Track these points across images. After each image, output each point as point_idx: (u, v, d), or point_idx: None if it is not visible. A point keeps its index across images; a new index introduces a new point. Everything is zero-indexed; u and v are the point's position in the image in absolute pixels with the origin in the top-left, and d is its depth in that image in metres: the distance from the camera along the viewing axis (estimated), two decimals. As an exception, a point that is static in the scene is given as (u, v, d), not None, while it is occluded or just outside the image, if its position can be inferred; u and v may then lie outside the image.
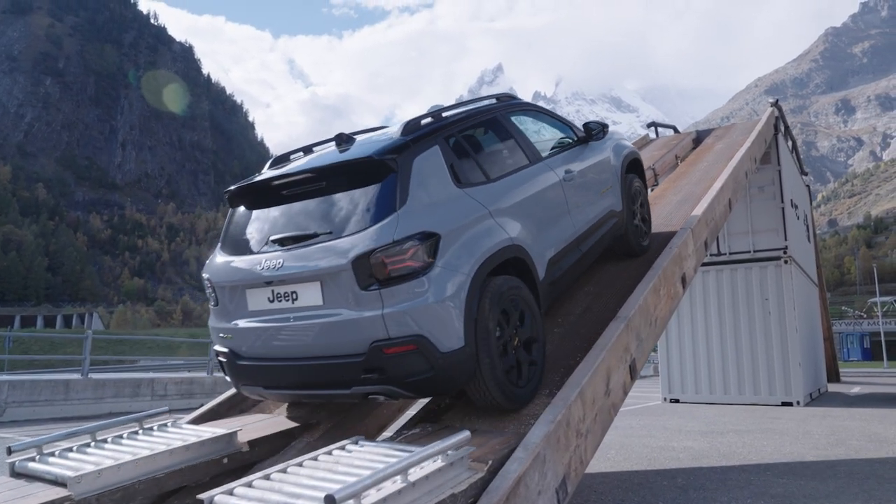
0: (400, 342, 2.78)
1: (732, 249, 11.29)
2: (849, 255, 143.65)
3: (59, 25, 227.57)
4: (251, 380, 3.28)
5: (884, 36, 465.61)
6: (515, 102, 4.25)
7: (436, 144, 3.24)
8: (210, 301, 3.39)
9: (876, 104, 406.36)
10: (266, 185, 3.28)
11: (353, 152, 3.20)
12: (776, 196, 10.99)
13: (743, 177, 7.36)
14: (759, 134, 8.91)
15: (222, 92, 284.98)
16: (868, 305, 67.49)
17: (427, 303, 2.80)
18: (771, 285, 10.75)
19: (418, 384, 2.87)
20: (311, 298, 2.96)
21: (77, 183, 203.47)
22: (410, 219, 2.89)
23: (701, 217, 5.30)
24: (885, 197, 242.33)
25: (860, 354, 48.56)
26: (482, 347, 2.93)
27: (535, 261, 3.43)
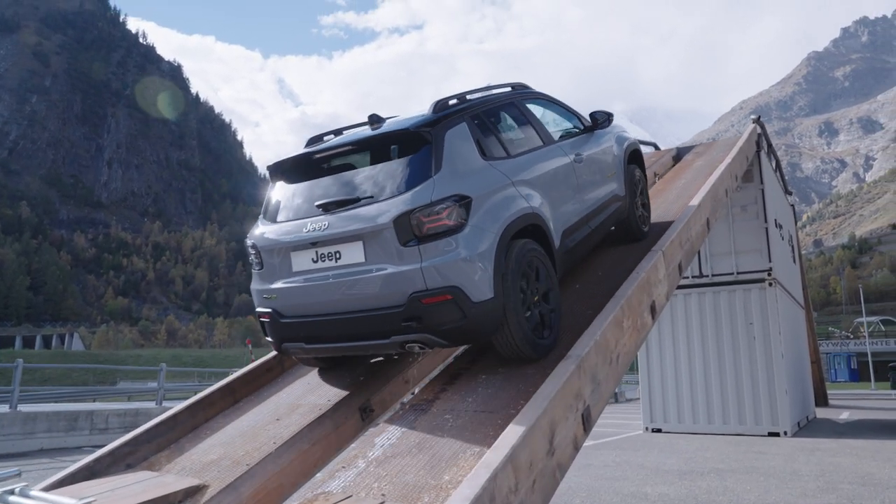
0: (436, 292, 3.09)
1: (715, 271, 10.78)
2: (834, 275, 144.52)
3: (47, 43, 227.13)
4: (293, 336, 3.55)
5: (864, 60, 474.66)
6: (529, 91, 4.64)
7: (463, 122, 3.58)
8: (254, 266, 3.69)
9: (858, 126, 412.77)
10: (308, 158, 3.64)
11: (389, 127, 3.54)
12: (759, 215, 10.52)
13: (723, 195, 6.86)
14: (741, 150, 8.45)
15: (211, 111, 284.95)
16: (854, 325, 67.47)
17: (461, 257, 3.12)
18: (755, 309, 10.25)
19: (452, 332, 3.16)
20: (353, 256, 3.27)
21: (62, 201, 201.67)
22: (445, 183, 3.22)
23: (675, 238, 4.76)
24: (869, 218, 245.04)
25: (848, 375, 48.15)
26: (509, 299, 3.24)
27: (551, 230, 3.77)
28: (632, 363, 4.12)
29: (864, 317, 53.14)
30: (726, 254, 10.65)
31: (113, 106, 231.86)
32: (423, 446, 2.73)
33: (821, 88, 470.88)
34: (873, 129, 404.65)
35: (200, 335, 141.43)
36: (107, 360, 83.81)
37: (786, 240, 12.73)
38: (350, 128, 3.98)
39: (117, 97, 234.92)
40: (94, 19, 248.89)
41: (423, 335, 3.18)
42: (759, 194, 10.51)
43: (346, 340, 3.42)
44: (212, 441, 3.44)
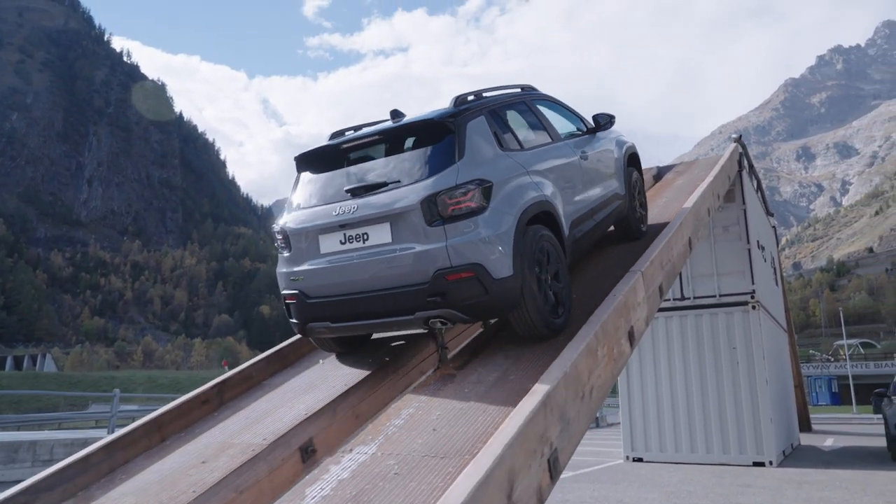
0: (460, 269, 3.32)
1: (697, 293, 10.45)
2: (814, 298, 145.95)
3: (30, 61, 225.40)
4: (319, 316, 3.74)
5: (839, 87, 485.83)
6: (537, 92, 4.92)
7: (482, 115, 3.87)
8: (281, 251, 3.89)
9: (834, 152, 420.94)
10: (336, 148, 3.88)
11: (414, 118, 3.83)
12: (741, 237, 10.25)
13: (705, 213, 6.57)
14: (722, 169, 8.19)
15: (194, 130, 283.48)
16: (834, 348, 67.84)
17: (483, 237, 3.35)
18: (738, 333, 9.93)
19: (474, 307, 3.38)
20: (381, 237, 3.48)
21: (39, 219, 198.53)
22: (467, 169, 3.48)
23: (655, 258, 4.41)
24: (846, 241, 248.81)
25: (829, 399, 48.13)
26: (526, 278, 3.46)
27: (561, 219, 4.02)
28: (613, 386, 3.77)
29: (845, 340, 53.32)
30: (708, 275, 10.34)
31: (95, 124, 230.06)
32: (359, 501, 2.30)
33: (798, 114, 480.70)
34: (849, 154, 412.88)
35: (178, 356, 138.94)
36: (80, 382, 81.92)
37: (768, 262, 12.50)
38: (369, 124, 4.14)
39: (100, 115, 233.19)
40: (78, 37, 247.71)
41: (447, 310, 3.38)
42: (741, 215, 10.26)
43: (372, 318, 3.59)
44: (125, 488, 2.98)
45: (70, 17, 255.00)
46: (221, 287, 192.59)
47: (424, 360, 4.15)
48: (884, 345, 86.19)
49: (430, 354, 4.24)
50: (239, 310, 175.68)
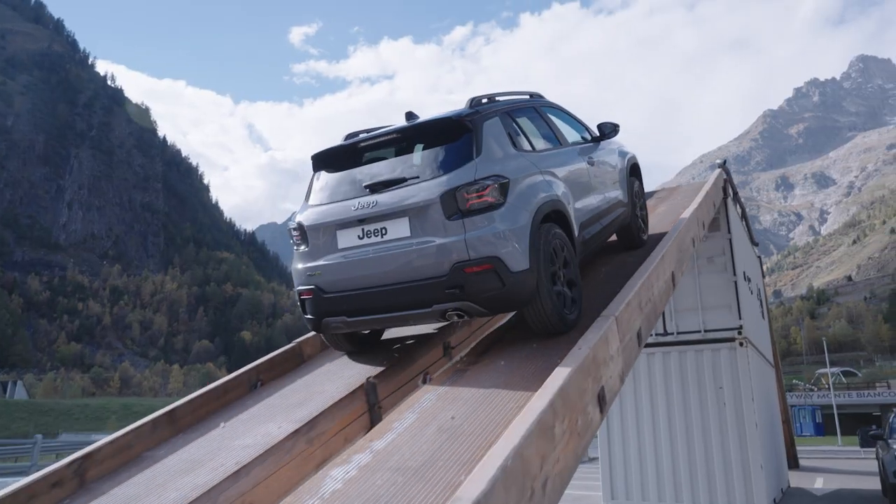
0: (478, 262, 3.39)
1: (681, 328, 9.76)
2: (794, 326, 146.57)
3: (11, 83, 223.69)
4: (335, 311, 3.77)
5: (816, 119, 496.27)
6: (545, 99, 5.04)
7: (497, 116, 3.99)
8: (297, 247, 3.94)
9: (812, 181, 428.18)
10: (354, 147, 3.97)
11: (431, 118, 3.94)
12: (727, 268, 9.59)
13: (689, 244, 5.90)
14: (707, 195, 7.58)
15: (178, 154, 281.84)
16: (816, 377, 67.56)
17: (501, 230, 3.44)
18: (725, 371, 9.23)
19: (491, 300, 3.45)
20: (399, 231, 3.56)
21: (17, 242, 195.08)
22: (485, 165, 3.59)
23: (632, 298, 3.71)
24: (825, 269, 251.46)
25: (813, 429, 47.54)
26: (542, 271, 3.55)
27: (572, 219, 4.13)
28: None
29: (829, 369, 52.94)
30: (692, 309, 9.65)
31: (77, 147, 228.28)
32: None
33: (776, 144, 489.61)
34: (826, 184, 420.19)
35: (156, 383, 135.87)
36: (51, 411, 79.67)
37: (755, 294, 11.89)
38: (381, 128, 4.15)
39: (82, 138, 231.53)
40: (62, 61, 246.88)
41: (465, 303, 3.45)
42: (726, 244, 9.62)
43: (389, 311, 3.63)
44: None
45: (54, 41, 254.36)
46: (202, 312, 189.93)
47: (331, 436, 3.40)
48: (864, 373, 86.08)
49: (346, 424, 3.50)
50: (220, 335, 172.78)
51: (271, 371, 4.08)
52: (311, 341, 4.46)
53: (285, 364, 4.18)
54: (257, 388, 3.89)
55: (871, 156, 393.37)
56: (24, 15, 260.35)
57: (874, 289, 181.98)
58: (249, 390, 3.87)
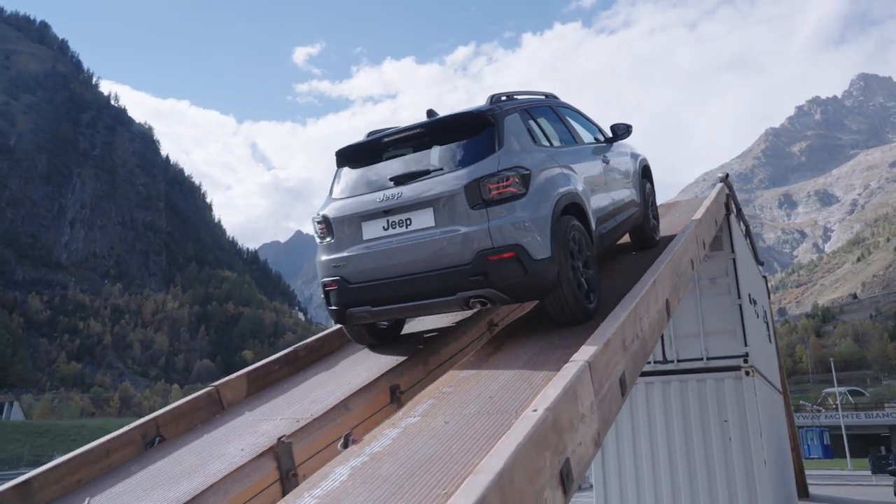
0: (501, 250, 3.46)
1: (681, 356, 8.92)
2: (800, 344, 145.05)
3: (15, 103, 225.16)
4: (359, 301, 3.84)
5: (818, 137, 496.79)
6: (560, 100, 5.14)
7: (517, 112, 4.10)
8: (322, 240, 4.02)
9: (815, 199, 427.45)
10: (379, 141, 4.05)
11: (454, 113, 4.03)
12: (731, 290, 8.80)
13: (688, 267, 5.17)
14: (708, 212, 6.87)
15: (180, 173, 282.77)
16: (822, 396, 66.29)
17: (523, 219, 3.52)
18: (730, 403, 8.41)
19: (514, 287, 3.51)
20: (423, 221, 3.64)
21: (18, 261, 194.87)
22: (507, 157, 3.67)
23: (612, 337, 2.97)
24: (830, 287, 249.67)
25: (821, 451, 46.27)
26: (563, 261, 3.63)
27: (589, 213, 4.21)
28: None
29: (836, 388, 51.67)
30: (694, 335, 8.84)
31: (80, 166, 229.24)
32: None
33: (779, 162, 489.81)
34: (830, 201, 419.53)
35: (156, 403, 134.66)
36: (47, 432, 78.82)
37: (761, 317, 11.10)
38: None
39: (85, 158, 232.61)
40: (66, 81, 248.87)
41: (489, 290, 3.51)
42: (730, 264, 8.84)
43: (414, 300, 3.69)
44: None
45: (58, 61, 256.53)
46: (204, 331, 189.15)
47: None
48: (871, 392, 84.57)
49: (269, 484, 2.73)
50: (221, 355, 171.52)
51: (176, 423, 3.34)
52: (233, 384, 3.72)
53: (196, 414, 3.44)
54: (154, 446, 3.15)
55: (874, 173, 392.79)
56: (30, 35, 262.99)
57: (880, 306, 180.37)
58: (145, 448, 3.13)
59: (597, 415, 2.61)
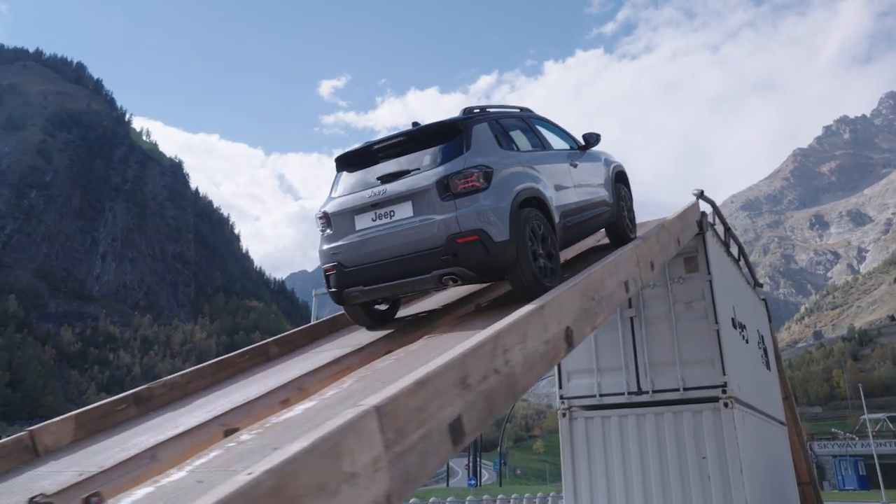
0: (467, 233, 4.07)
1: (657, 386, 8.21)
2: (837, 368, 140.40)
3: (51, 141, 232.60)
4: (353, 282, 4.48)
5: (848, 157, 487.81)
6: (534, 113, 5.83)
7: (486, 121, 4.75)
8: (323, 232, 4.69)
9: (848, 219, 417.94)
10: (369, 148, 4.77)
11: (431, 123, 4.70)
12: (708, 314, 8.20)
13: (615, 289, 4.66)
14: (663, 230, 6.35)
15: (209, 205, 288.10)
16: (861, 423, 63.60)
17: (485, 208, 4.12)
18: (709, 437, 7.71)
19: (479, 265, 4.11)
20: (404, 213, 4.29)
21: (51, 294, 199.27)
22: (473, 158, 4.32)
23: (430, 376, 2.51)
24: (867, 309, 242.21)
25: (856, 482, 44.09)
26: (521, 244, 4.21)
27: (551, 207, 4.81)
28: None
29: (866, 415, 49.26)
30: (669, 364, 8.17)
31: (112, 200, 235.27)
32: None
33: (808, 183, 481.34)
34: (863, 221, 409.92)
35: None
36: (72, 464, 79.45)
37: (753, 342, 10.38)
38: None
39: (116, 192, 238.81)
40: (100, 118, 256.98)
41: (458, 268, 4.11)
42: (706, 287, 8.22)
43: (397, 279, 4.31)
44: None
45: (93, 100, 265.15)
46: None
47: None
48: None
49: None
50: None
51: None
52: (54, 428, 3.30)
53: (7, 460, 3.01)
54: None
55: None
56: (66, 76, 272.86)
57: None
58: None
59: (387, 472, 2.13)
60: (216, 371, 4.19)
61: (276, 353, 4.78)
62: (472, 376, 2.72)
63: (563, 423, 8.61)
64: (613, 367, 8.55)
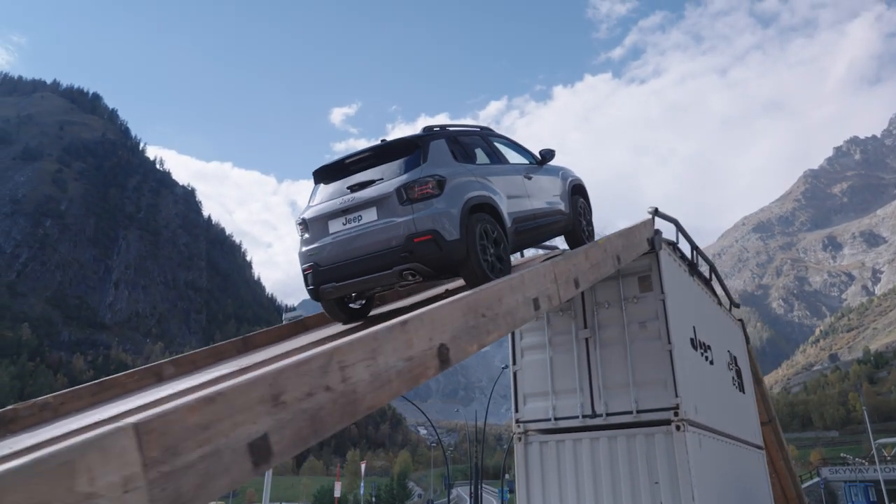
0: (422, 233, 4.61)
1: (611, 409, 7.97)
2: (852, 391, 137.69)
3: (67, 171, 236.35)
4: (328, 279, 5.01)
5: (860, 177, 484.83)
6: (494, 131, 6.45)
7: (443, 138, 5.32)
8: (301, 236, 5.23)
9: (861, 241, 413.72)
10: (342, 162, 5.34)
11: (395, 139, 5.24)
12: (662, 334, 8.03)
13: (520, 307, 4.53)
14: (600, 248, 6.23)
15: (221, 232, 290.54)
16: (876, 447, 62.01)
17: (438, 211, 4.68)
18: (661, 461, 7.45)
19: (433, 261, 4.66)
20: (370, 217, 4.87)
21: (64, 322, 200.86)
22: (429, 169, 4.88)
23: (226, 391, 2.40)
24: (883, 331, 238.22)
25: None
26: (469, 241, 4.74)
27: (503, 213, 5.32)
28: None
29: (872, 440, 48.13)
30: (623, 386, 7.96)
31: (125, 228, 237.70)
32: None
33: (820, 204, 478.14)
34: (877, 242, 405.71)
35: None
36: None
37: (721, 363, 10.12)
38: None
39: (130, 220, 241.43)
40: (114, 148, 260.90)
41: (415, 264, 4.65)
42: (659, 307, 8.01)
43: (364, 274, 4.86)
44: None
45: (108, 130, 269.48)
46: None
47: None
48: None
49: None
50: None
51: None
52: None
53: None
54: None
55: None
56: (82, 107, 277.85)
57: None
58: None
59: (145, 492, 1.98)
60: (97, 392, 4.09)
61: (170, 373, 4.67)
62: (290, 393, 2.60)
63: (519, 447, 8.40)
64: (569, 389, 8.35)
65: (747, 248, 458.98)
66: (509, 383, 9.03)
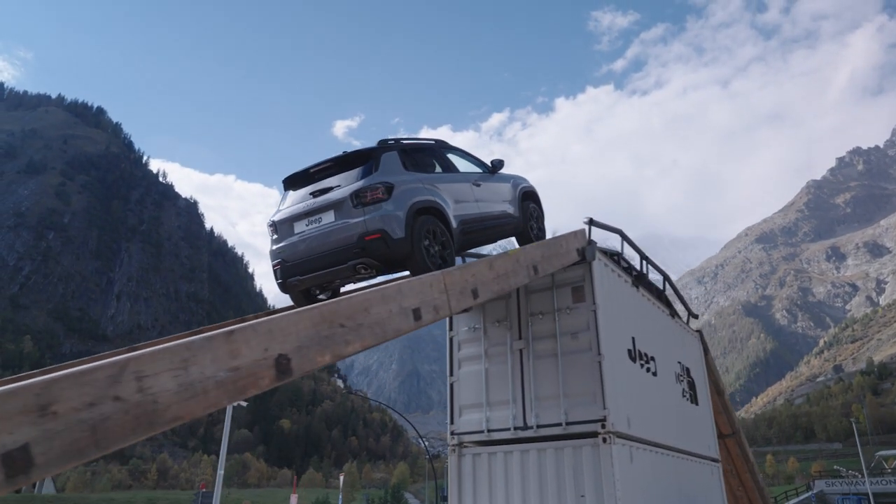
0: (372, 232, 5.27)
1: (541, 421, 7.82)
2: (856, 403, 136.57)
3: (70, 184, 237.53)
4: (294, 273, 5.74)
5: (863, 188, 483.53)
6: (447, 143, 7.13)
7: (395, 151, 6.03)
8: (272, 236, 5.98)
9: (865, 251, 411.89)
10: (307, 171, 6.04)
11: (352, 151, 6.00)
12: (592, 346, 7.96)
13: (395, 316, 4.51)
14: (509, 258, 6.19)
15: (224, 245, 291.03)
16: (877, 459, 61.52)
17: (386, 213, 5.34)
18: (588, 474, 7.31)
19: (382, 256, 5.33)
20: (328, 219, 5.57)
21: (66, 334, 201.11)
22: (380, 177, 5.55)
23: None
24: (887, 342, 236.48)
25: (860, 522, 42.42)
26: (415, 239, 5.40)
27: (449, 215, 6.01)
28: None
29: (861, 455, 47.66)
30: (554, 398, 7.86)
31: (128, 241, 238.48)
32: None
33: (823, 215, 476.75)
34: (881, 253, 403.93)
35: (193, 474, 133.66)
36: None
37: (668, 374, 10.02)
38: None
39: (133, 232, 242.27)
40: (117, 161, 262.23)
41: (366, 259, 5.31)
42: (591, 318, 7.95)
43: (324, 268, 5.55)
44: None
45: (112, 143, 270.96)
46: (242, 400, 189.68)
47: None
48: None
49: None
50: (259, 424, 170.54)
51: None
52: None
53: None
54: None
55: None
56: (86, 120, 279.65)
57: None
58: None
59: None
60: None
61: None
62: (64, 403, 2.59)
63: (452, 459, 8.32)
64: (502, 401, 8.28)
65: (750, 258, 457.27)
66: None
